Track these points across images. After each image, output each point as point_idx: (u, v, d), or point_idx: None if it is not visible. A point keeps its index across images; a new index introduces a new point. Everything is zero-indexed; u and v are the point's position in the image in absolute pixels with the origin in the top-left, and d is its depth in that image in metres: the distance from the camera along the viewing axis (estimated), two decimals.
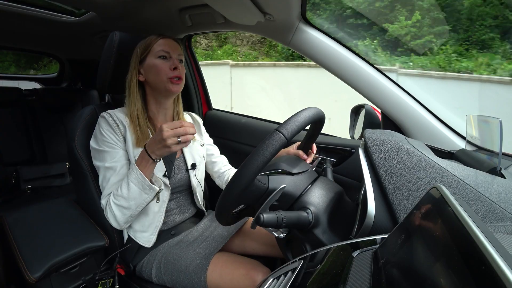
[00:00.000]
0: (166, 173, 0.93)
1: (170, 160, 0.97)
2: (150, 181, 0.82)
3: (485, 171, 0.56)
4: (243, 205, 0.68)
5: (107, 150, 0.87)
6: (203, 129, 1.15)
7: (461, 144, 0.87)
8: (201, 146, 1.10)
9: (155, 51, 0.90)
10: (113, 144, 0.88)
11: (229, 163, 1.18)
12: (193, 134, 0.77)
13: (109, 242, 0.92)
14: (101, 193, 0.92)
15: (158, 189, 0.84)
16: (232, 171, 1.13)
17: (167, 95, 0.95)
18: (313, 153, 0.91)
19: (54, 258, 0.81)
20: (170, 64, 0.90)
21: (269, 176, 0.63)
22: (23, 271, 0.77)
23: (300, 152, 0.88)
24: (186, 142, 0.76)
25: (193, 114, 1.15)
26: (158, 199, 0.90)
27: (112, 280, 0.87)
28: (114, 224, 0.87)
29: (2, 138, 1.85)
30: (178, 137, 0.75)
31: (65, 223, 0.95)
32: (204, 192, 1.13)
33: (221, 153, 1.19)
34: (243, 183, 0.54)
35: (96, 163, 0.90)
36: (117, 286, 0.86)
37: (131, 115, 0.91)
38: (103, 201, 0.88)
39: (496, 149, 0.59)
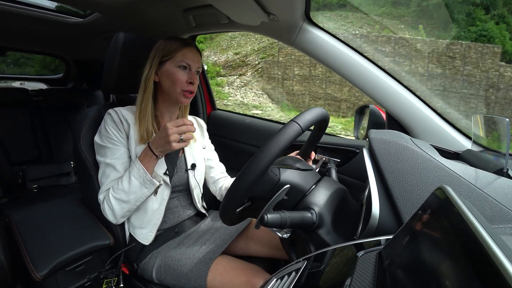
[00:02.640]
0: (167, 172, 0.94)
1: (172, 159, 0.97)
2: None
3: (492, 172, 0.55)
4: (248, 203, 0.68)
5: (109, 146, 0.89)
6: (206, 133, 1.16)
7: (467, 145, 0.86)
8: (203, 148, 1.11)
9: (177, 59, 0.90)
10: (115, 141, 0.89)
11: (233, 163, 1.18)
12: (194, 131, 0.82)
13: (114, 241, 0.93)
14: None
15: (158, 183, 0.86)
16: (228, 180, 1.13)
17: (176, 103, 0.97)
18: (311, 159, 0.92)
19: (60, 256, 0.82)
20: (188, 78, 0.91)
21: (280, 169, 0.64)
22: (29, 269, 0.78)
23: (299, 158, 0.88)
24: (187, 141, 0.82)
25: (198, 119, 1.17)
26: (156, 193, 0.91)
27: (116, 278, 0.88)
28: (110, 217, 0.87)
29: (9, 138, 1.88)
30: (181, 134, 0.79)
31: (70, 222, 0.96)
32: (207, 194, 1.13)
33: (225, 153, 1.19)
34: (260, 167, 0.54)
35: (98, 158, 0.91)
36: (121, 285, 0.86)
37: (140, 111, 0.91)
38: (100, 196, 0.89)
39: (503, 150, 0.59)
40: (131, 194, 0.84)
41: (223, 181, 1.12)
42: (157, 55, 0.92)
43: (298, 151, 0.93)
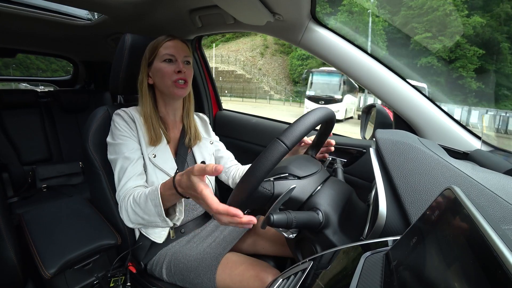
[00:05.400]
0: (177, 171, 0.95)
1: (182, 158, 0.98)
2: (174, 207, 0.77)
3: (502, 172, 0.54)
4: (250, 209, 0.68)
5: (124, 142, 0.88)
6: (209, 127, 1.17)
7: (477, 145, 0.84)
8: (211, 144, 1.11)
9: (161, 54, 0.91)
10: (128, 137, 0.89)
11: (240, 163, 1.18)
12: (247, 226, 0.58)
13: (121, 240, 0.94)
14: (114, 191, 0.93)
15: (171, 224, 0.77)
16: (240, 168, 1.13)
17: (174, 98, 0.97)
18: (331, 148, 0.91)
19: (69, 255, 0.83)
20: (175, 68, 0.91)
21: (275, 182, 0.63)
22: (39, 267, 0.79)
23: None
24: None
25: (200, 114, 1.17)
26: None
27: (124, 277, 0.89)
28: (125, 221, 0.84)
29: (20, 138, 1.92)
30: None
31: (79, 221, 0.98)
32: (214, 192, 1.14)
33: (232, 153, 1.19)
34: (245, 193, 0.55)
35: (112, 156, 0.89)
36: (128, 284, 0.87)
37: (144, 115, 0.93)
38: (120, 193, 0.84)
39: None
40: (145, 214, 0.77)
41: (234, 169, 1.12)
42: (144, 59, 0.94)
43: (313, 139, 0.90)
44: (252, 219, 0.57)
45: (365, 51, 0.96)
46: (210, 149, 1.10)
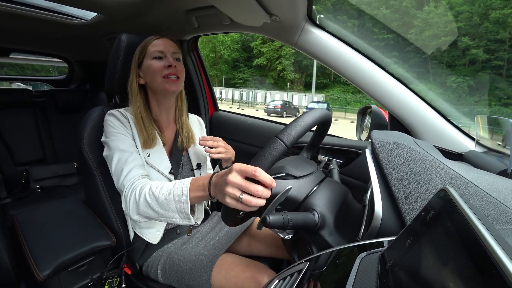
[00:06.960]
0: (172, 171, 0.94)
1: (177, 158, 0.97)
2: (192, 206, 0.73)
3: (496, 173, 0.55)
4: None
5: (119, 138, 0.87)
6: (204, 132, 1.17)
7: (471, 146, 0.85)
8: (204, 147, 1.11)
9: (150, 52, 0.91)
10: (123, 134, 0.88)
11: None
12: (262, 203, 0.55)
13: (116, 241, 0.93)
14: (109, 192, 0.92)
15: (193, 222, 0.73)
16: None
17: (166, 95, 0.95)
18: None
19: (63, 256, 0.82)
20: (165, 63, 0.90)
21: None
22: (32, 269, 0.78)
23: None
24: (248, 206, 0.55)
25: (199, 118, 1.17)
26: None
27: (119, 279, 0.88)
28: (130, 212, 0.77)
29: (14, 139, 1.90)
30: (242, 192, 0.55)
31: (73, 222, 0.97)
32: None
33: None
34: None
35: (107, 152, 0.87)
36: (123, 285, 0.87)
37: (135, 116, 0.92)
38: (125, 182, 0.80)
39: (507, 151, 0.58)
40: (161, 209, 0.72)
41: None
42: (135, 59, 0.93)
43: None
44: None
45: (362, 53, 0.96)
46: (204, 153, 1.09)
